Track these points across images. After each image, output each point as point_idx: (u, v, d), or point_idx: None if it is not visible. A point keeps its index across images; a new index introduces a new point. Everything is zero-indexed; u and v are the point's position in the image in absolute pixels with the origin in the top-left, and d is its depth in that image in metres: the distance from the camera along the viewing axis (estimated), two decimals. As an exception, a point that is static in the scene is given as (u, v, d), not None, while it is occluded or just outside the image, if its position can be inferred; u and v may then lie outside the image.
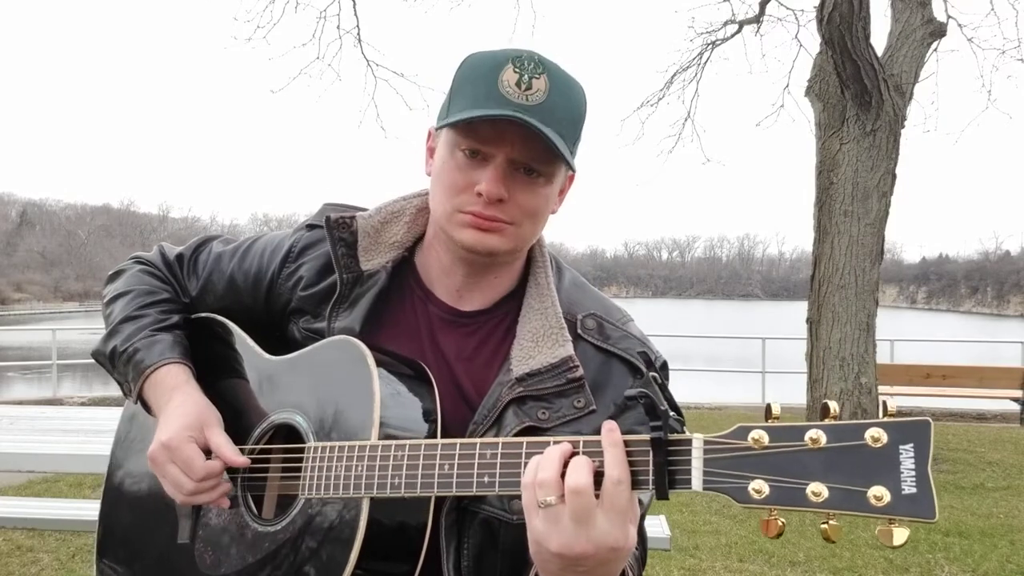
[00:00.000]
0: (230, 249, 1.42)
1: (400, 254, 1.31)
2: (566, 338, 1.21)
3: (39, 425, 4.53)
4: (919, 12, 7.98)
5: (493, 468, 1.01)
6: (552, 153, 1.14)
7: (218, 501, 1.21)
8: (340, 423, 1.16)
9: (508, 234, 1.19)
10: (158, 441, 1.20)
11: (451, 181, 1.18)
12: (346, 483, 1.09)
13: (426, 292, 1.31)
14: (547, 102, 1.13)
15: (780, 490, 0.87)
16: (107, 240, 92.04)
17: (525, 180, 1.17)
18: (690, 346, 19.48)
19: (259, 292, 1.36)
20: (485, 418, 1.18)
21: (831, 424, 0.87)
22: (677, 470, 0.92)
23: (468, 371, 1.25)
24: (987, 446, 8.70)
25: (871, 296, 7.76)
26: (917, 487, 0.82)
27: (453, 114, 1.16)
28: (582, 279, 1.36)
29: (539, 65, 1.14)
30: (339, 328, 1.26)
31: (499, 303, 1.30)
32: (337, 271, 1.28)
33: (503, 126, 1.13)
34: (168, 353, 1.30)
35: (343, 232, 1.29)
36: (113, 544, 1.40)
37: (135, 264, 1.45)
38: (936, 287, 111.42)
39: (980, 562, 4.99)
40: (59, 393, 13.12)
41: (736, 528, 5.61)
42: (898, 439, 0.84)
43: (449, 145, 1.19)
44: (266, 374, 1.30)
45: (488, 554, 1.15)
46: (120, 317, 1.35)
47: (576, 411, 1.17)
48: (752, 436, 0.89)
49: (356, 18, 10.71)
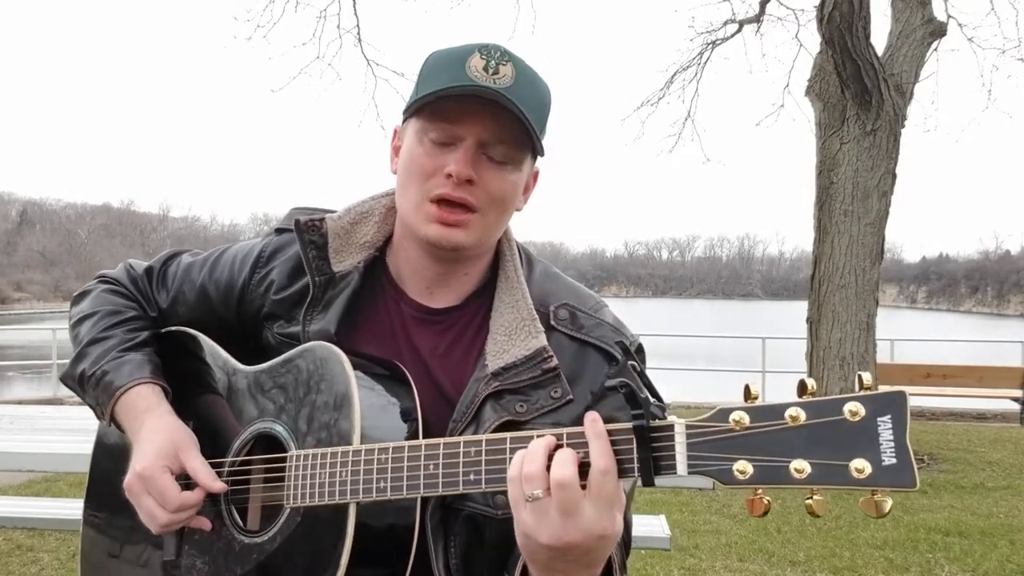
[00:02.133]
0: (200, 260, 1.41)
1: (371, 254, 1.31)
2: (539, 329, 1.21)
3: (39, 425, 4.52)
4: (919, 12, 7.98)
5: (479, 465, 1.01)
6: (521, 132, 1.16)
7: (197, 523, 1.21)
8: (321, 430, 1.14)
9: (473, 227, 1.19)
10: (133, 471, 1.19)
11: (419, 167, 1.18)
12: (331, 489, 1.09)
13: (398, 291, 1.31)
14: (514, 86, 1.14)
15: (763, 469, 0.88)
16: (107, 240, 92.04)
17: (493, 165, 1.18)
18: (690, 346, 19.48)
19: (231, 301, 1.35)
20: (463, 415, 1.18)
21: (810, 401, 0.88)
22: (661, 456, 0.93)
23: (444, 368, 1.25)
24: (987, 446, 8.69)
25: (871, 296, 7.77)
26: (896, 457, 0.83)
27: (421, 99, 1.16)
28: (554, 269, 1.35)
29: (505, 55, 1.16)
30: (314, 331, 1.25)
31: (470, 298, 1.29)
32: (309, 274, 1.27)
33: (472, 106, 1.14)
34: (137, 373, 1.28)
35: (313, 235, 1.28)
36: (98, 563, 1.38)
37: (99, 284, 1.44)
38: (936, 287, 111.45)
39: (980, 562, 4.99)
40: (59, 393, 13.11)
41: (736, 528, 5.60)
42: (876, 411, 0.85)
43: (417, 134, 1.19)
44: (242, 384, 1.28)
45: (475, 550, 1.15)
46: (87, 340, 1.34)
47: (553, 401, 1.17)
48: (733, 418, 0.90)
49: (356, 17, 10.72)
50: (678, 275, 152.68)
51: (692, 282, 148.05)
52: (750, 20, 11.31)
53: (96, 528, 1.41)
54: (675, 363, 14.62)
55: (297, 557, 1.12)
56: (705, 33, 11.59)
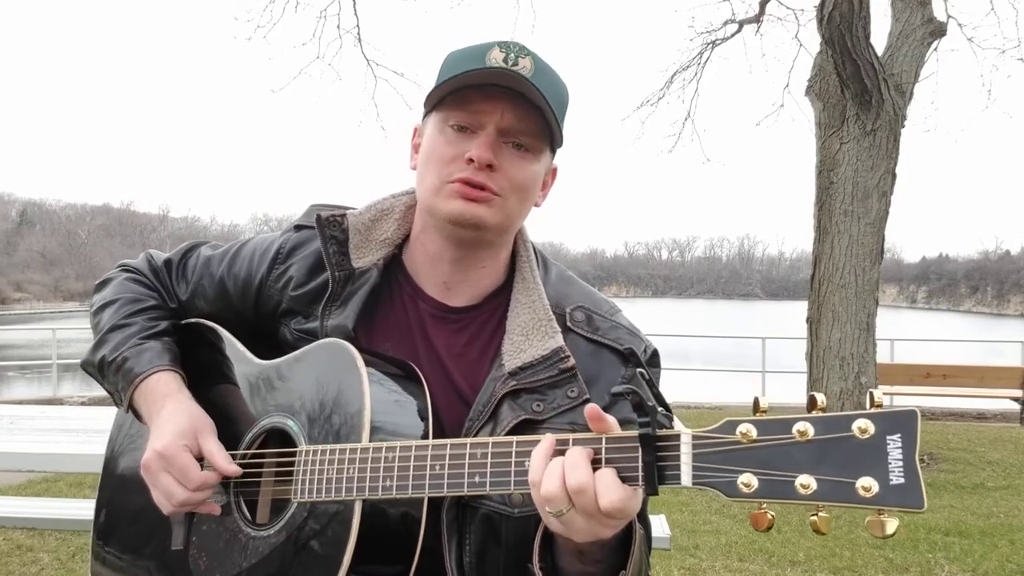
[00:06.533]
0: (219, 253, 1.41)
1: (391, 251, 1.32)
2: (555, 329, 1.22)
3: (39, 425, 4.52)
4: (919, 12, 7.98)
5: (484, 467, 1.01)
6: (541, 121, 1.17)
7: (207, 507, 1.21)
8: (331, 426, 1.15)
9: (495, 206, 1.20)
10: (152, 449, 1.19)
11: (440, 154, 1.20)
12: (338, 486, 1.09)
13: (415, 288, 1.31)
14: (534, 77, 1.16)
15: (769, 483, 0.87)
16: (107, 240, 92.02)
17: (514, 153, 1.20)
18: (690, 346, 19.48)
19: (249, 296, 1.35)
20: (480, 414, 1.18)
21: (819, 416, 0.87)
22: (666, 465, 0.92)
23: (460, 367, 1.25)
24: (987, 446, 8.69)
25: (871, 296, 7.76)
26: (905, 477, 0.82)
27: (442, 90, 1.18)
28: (569, 273, 1.37)
29: (524, 49, 1.18)
30: (332, 326, 1.25)
31: (487, 299, 1.30)
32: (329, 269, 1.28)
33: (493, 94, 1.16)
34: (157, 361, 1.29)
35: (335, 230, 1.29)
36: (108, 552, 1.39)
37: (121, 272, 1.45)
38: (936, 287, 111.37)
39: (980, 562, 4.99)
40: (59, 393, 13.12)
41: (736, 528, 5.60)
42: (885, 430, 0.84)
43: (438, 124, 1.21)
44: (257, 378, 1.29)
45: (490, 548, 1.15)
46: (108, 326, 1.34)
47: (570, 401, 1.17)
48: (740, 430, 0.89)
49: (356, 18, 10.73)
50: (678, 275, 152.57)
51: (692, 282, 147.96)
52: (750, 20, 11.31)
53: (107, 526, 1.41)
54: (675, 363, 14.60)
55: (302, 552, 1.12)
56: (705, 33, 11.60)
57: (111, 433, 1.45)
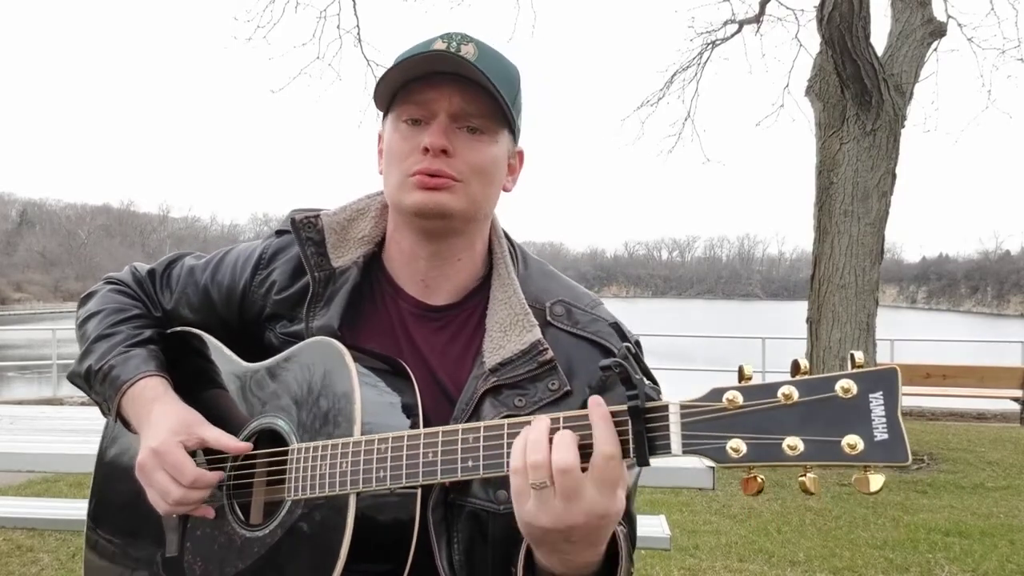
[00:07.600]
0: (202, 263, 1.42)
1: (370, 249, 1.32)
2: (532, 323, 1.22)
3: (39, 425, 4.52)
4: (919, 12, 7.99)
5: (476, 451, 1.02)
6: (491, 102, 1.18)
7: (201, 511, 1.21)
8: (322, 424, 1.15)
9: (457, 191, 1.20)
10: (147, 448, 1.19)
11: (398, 150, 1.21)
12: (331, 481, 1.09)
13: (395, 287, 1.32)
14: (478, 60, 1.18)
15: (757, 447, 0.88)
16: (107, 240, 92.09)
17: (469, 136, 1.21)
18: (690, 346, 19.48)
19: (233, 303, 1.36)
20: (463, 412, 1.19)
21: (802, 379, 0.89)
22: (656, 436, 0.93)
23: (444, 365, 1.26)
24: (987, 446, 8.69)
25: (871, 296, 7.77)
26: (888, 433, 0.84)
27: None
28: (550, 267, 1.37)
29: (467, 37, 1.20)
30: (317, 327, 1.26)
31: (467, 296, 1.31)
32: (308, 270, 1.29)
33: (439, 82, 1.18)
34: (143, 367, 1.29)
35: (310, 231, 1.30)
36: (101, 562, 1.39)
37: (105, 285, 1.46)
38: (936, 287, 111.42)
39: (980, 562, 4.99)
40: (59, 393, 13.11)
41: (736, 528, 5.60)
42: (867, 388, 0.86)
43: (393, 122, 1.24)
44: (245, 381, 1.29)
45: (478, 546, 1.16)
46: (93, 336, 1.35)
47: (551, 393, 1.18)
48: (727, 397, 0.90)
49: (356, 18, 10.75)
50: (678, 275, 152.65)
51: (692, 282, 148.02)
52: (750, 20, 11.32)
53: (99, 531, 1.40)
54: (675, 363, 14.61)
55: (298, 550, 1.12)
56: (705, 33, 11.62)
57: (99, 450, 1.43)
